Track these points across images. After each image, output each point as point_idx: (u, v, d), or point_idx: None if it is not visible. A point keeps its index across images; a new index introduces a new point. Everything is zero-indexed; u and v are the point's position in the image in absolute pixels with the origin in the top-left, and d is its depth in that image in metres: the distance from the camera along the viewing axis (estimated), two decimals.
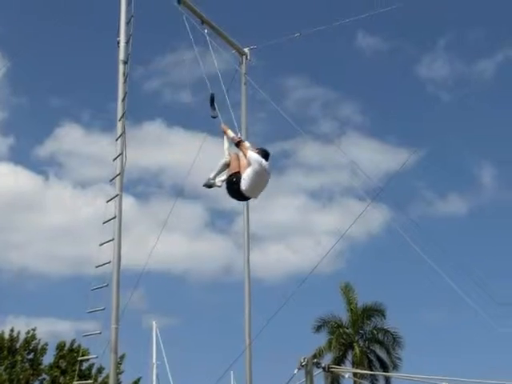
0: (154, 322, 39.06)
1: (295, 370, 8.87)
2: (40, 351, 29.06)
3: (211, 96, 11.95)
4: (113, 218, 11.17)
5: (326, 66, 59.40)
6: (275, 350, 32.34)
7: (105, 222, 11.28)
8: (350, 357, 35.20)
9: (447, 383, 9.08)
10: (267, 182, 10.99)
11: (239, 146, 11.07)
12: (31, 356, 28.96)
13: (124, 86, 11.84)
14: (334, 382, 33.06)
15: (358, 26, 50.52)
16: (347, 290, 36.37)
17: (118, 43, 12.12)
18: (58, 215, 53.46)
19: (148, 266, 13.49)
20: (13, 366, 27.96)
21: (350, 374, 16.40)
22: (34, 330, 29.17)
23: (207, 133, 14.27)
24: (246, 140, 11.84)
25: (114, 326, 10.62)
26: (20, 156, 59.89)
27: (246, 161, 10.84)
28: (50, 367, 28.72)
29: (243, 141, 11.27)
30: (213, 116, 11.85)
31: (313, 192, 57.33)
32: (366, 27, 52.81)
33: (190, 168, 14.03)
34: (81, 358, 23.10)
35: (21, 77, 55.68)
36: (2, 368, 27.97)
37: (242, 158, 11.04)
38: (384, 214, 12.49)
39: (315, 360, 8.95)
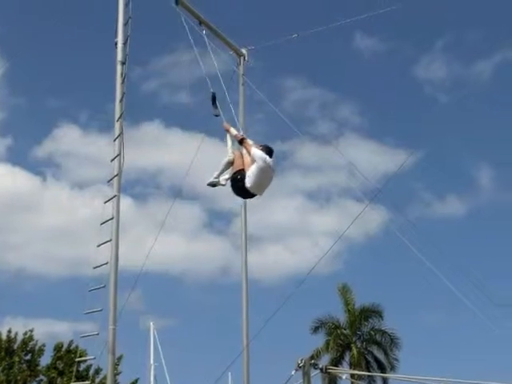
0: (151, 323, 39.01)
1: (293, 371, 8.86)
2: (37, 352, 29.02)
3: (212, 95, 11.89)
4: (110, 219, 11.17)
5: (324, 66, 59.45)
6: (273, 351, 32.34)
7: (102, 223, 11.28)
8: (347, 358, 35.27)
9: None
10: (272, 178, 10.96)
11: (242, 143, 11.03)
12: (29, 357, 28.92)
13: (122, 86, 11.85)
14: (332, 383, 33.08)
15: (356, 26, 50.67)
16: (345, 291, 36.42)
17: (116, 44, 12.14)
18: (56, 216, 53.41)
19: (146, 266, 13.50)
20: (10, 367, 27.93)
21: (347, 375, 16.43)
22: (31, 330, 29.17)
23: (205, 133, 14.31)
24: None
25: (111, 327, 10.63)
26: (18, 157, 59.80)
27: (250, 158, 10.81)
28: (48, 368, 28.68)
29: (246, 138, 11.18)
30: (215, 115, 11.80)
31: (310, 193, 57.31)
32: (364, 28, 52.85)
33: (188, 169, 14.05)
34: (78, 359, 22.96)
35: (19, 77, 55.62)
36: (0, 369, 27.95)
37: (245, 156, 11.01)
38: (382, 215, 12.50)
39: (313, 361, 8.94)
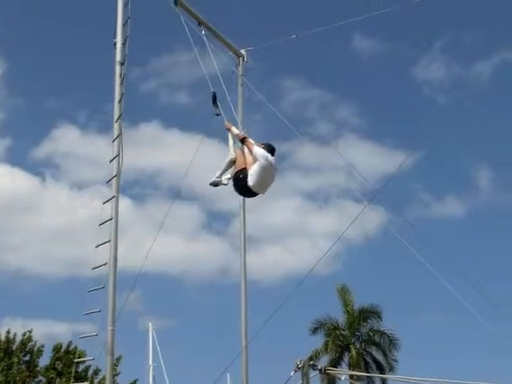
0: (150, 324, 39.12)
1: (291, 372, 8.85)
2: (36, 353, 28.99)
3: (213, 94, 11.84)
4: (109, 220, 11.17)
5: (323, 67, 59.46)
6: (272, 352, 32.35)
7: (101, 224, 11.27)
8: (346, 359, 35.25)
9: None
10: (274, 176, 10.94)
11: (244, 142, 11.00)
12: (27, 358, 28.89)
13: (121, 87, 11.83)
14: None
15: (355, 28, 50.76)
16: (344, 291, 36.39)
17: (115, 44, 12.13)
18: (55, 217, 53.43)
19: (144, 267, 13.46)
20: (9, 367, 27.90)
21: (346, 376, 16.34)
22: (30, 331, 29.13)
23: (204, 134, 14.29)
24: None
25: (110, 328, 10.62)
26: (17, 157, 59.87)
27: (252, 156, 10.77)
28: (47, 369, 28.67)
29: (248, 137, 11.14)
30: (216, 114, 11.76)
31: (309, 194, 57.33)
32: (363, 29, 52.94)
33: (186, 169, 14.02)
34: (77, 360, 23.15)
35: (17, 78, 55.72)
36: None
37: (247, 155, 10.97)
38: (381, 216, 12.49)
39: (311, 362, 8.93)
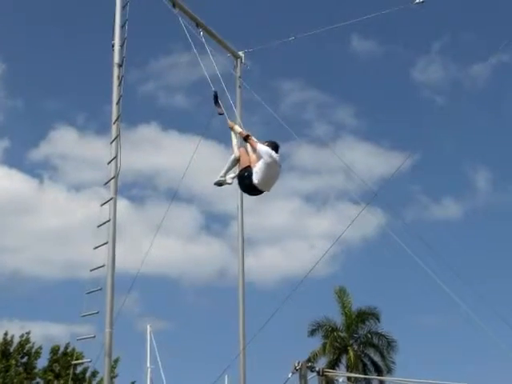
0: (148, 326, 38.88)
1: (289, 374, 8.87)
2: (34, 355, 28.90)
3: (214, 93, 11.87)
4: (107, 222, 11.16)
5: (321, 69, 59.38)
6: (269, 353, 32.28)
7: (99, 226, 11.27)
8: (344, 361, 35.19)
9: None
10: (279, 173, 10.96)
11: (248, 140, 11.01)
12: (25, 360, 28.79)
13: (119, 88, 11.83)
14: None
15: (353, 29, 50.78)
16: (341, 293, 36.38)
17: (113, 46, 12.13)
18: (53, 218, 53.30)
19: (142, 269, 13.50)
20: (7, 369, 27.81)
21: (344, 378, 16.34)
22: (27, 333, 29.01)
23: (202, 136, 14.32)
24: None
25: (108, 330, 10.61)
26: (14, 159, 59.80)
27: (256, 154, 10.79)
28: (44, 371, 28.58)
29: (251, 135, 11.14)
30: (219, 113, 11.78)
31: (307, 195, 57.25)
32: (361, 31, 52.93)
33: (184, 171, 14.05)
34: (75, 362, 23.09)
35: (15, 79, 55.68)
36: None
37: (251, 153, 11.00)
38: (379, 217, 12.54)
39: (309, 364, 8.97)
